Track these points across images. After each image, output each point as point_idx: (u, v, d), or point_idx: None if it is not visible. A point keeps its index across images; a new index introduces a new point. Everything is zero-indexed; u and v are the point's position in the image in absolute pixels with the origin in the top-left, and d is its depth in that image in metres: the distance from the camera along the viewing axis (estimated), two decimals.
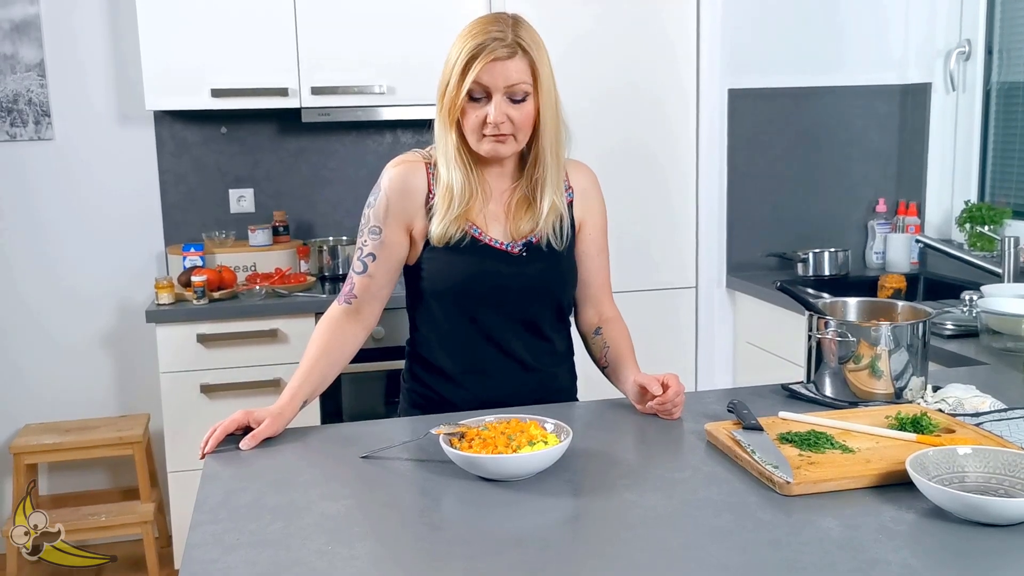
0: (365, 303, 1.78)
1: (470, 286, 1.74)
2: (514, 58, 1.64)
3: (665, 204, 3.39)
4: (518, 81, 1.65)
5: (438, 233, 1.71)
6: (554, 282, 1.80)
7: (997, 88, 3.32)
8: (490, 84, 1.65)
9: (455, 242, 1.73)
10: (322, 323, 1.78)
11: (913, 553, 1.14)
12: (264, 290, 3.16)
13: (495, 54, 1.63)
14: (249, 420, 1.60)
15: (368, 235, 1.77)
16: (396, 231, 1.75)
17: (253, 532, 1.25)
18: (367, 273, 1.77)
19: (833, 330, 1.71)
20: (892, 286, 3.05)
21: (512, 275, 1.75)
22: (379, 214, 1.75)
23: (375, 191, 1.78)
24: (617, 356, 1.81)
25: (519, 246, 1.76)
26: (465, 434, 1.47)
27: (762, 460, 1.38)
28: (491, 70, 1.63)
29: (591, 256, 1.86)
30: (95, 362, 3.54)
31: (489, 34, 1.64)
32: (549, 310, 1.82)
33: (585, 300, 1.88)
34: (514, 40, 1.64)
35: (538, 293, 1.79)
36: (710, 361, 3.45)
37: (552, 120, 1.71)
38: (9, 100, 3.37)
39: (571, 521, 1.30)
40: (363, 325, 1.79)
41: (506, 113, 1.66)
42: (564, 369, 1.91)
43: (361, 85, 3.22)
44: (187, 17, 3.11)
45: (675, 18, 3.30)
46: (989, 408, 1.64)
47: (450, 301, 1.76)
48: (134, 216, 3.51)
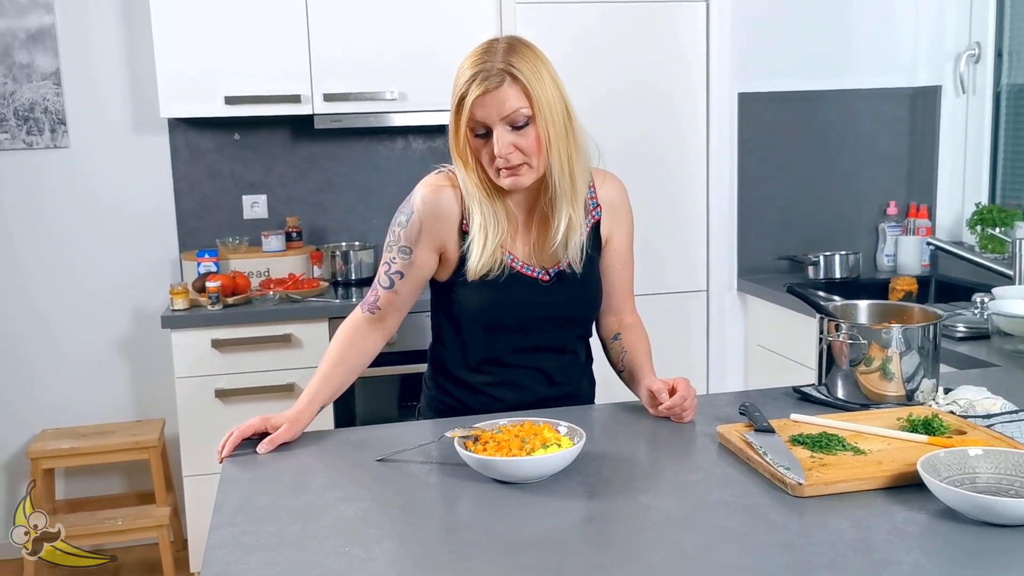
0: (388, 315, 1.78)
1: (499, 315, 1.75)
2: (503, 86, 1.59)
3: (676, 208, 3.41)
4: (513, 109, 1.60)
5: (475, 268, 1.69)
6: (581, 309, 1.81)
7: (1007, 90, 3.32)
8: (485, 118, 1.61)
9: (494, 277, 1.71)
10: (343, 329, 1.78)
11: (924, 554, 1.15)
12: (278, 295, 3.18)
13: (484, 86, 1.58)
14: (266, 426, 1.62)
15: (398, 253, 1.74)
16: (427, 253, 1.73)
17: (272, 534, 1.26)
18: (393, 289, 1.76)
19: (844, 333, 1.72)
20: (903, 288, 3.05)
21: (540, 304, 1.75)
22: (411, 236, 1.72)
23: (406, 210, 1.74)
24: (633, 361, 1.82)
25: (550, 274, 1.75)
26: (479, 437, 1.48)
27: (774, 462, 1.39)
28: (483, 104, 1.59)
29: (615, 269, 1.85)
30: (111, 368, 3.57)
31: (476, 67, 1.60)
32: (576, 331, 1.85)
33: (607, 309, 1.88)
34: (501, 69, 1.59)
35: (565, 320, 1.80)
36: (722, 364, 3.46)
37: (559, 139, 1.64)
38: (25, 109, 3.40)
39: (585, 523, 1.31)
40: (383, 334, 1.80)
41: (511, 143, 1.61)
42: (586, 380, 1.92)
43: (373, 91, 3.24)
44: (201, 25, 3.14)
45: (685, 22, 3.31)
46: (1000, 410, 1.64)
47: (479, 325, 1.77)
48: (149, 223, 3.54)
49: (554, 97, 1.64)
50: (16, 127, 3.40)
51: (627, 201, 1.86)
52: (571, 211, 1.70)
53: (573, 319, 1.82)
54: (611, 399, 1.87)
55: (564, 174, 1.67)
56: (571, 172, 1.68)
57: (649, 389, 1.68)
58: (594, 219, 1.79)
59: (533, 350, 1.79)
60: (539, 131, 1.62)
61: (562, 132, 1.65)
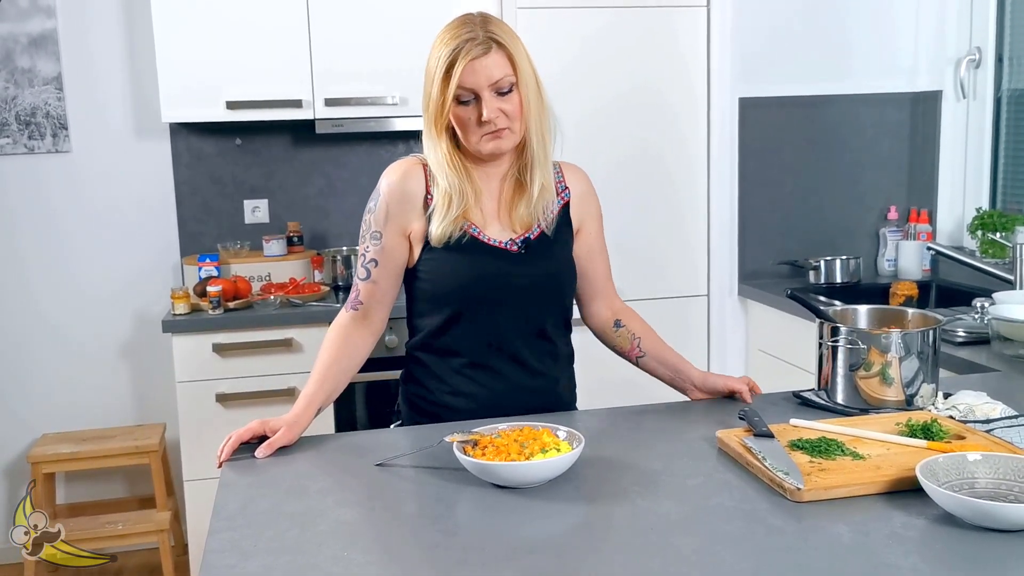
0: (372, 308, 1.80)
1: (469, 286, 1.75)
2: (490, 53, 1.66)
3: (676, 212, 3.41)
4: (501, 76, 1.67)
5: (438, 234, 1.73)
6: (553, 277, 1.81)
7: (1008, 95, 3.33)
8: (474, 85, 1.67)
9: (455, 241, 1.74)
10: (331, 331, 1.80)
11: (923, 559, 1.15)
12: (279, 300, 3.18)
13: (472, 54, 1.65)
14: (264, 430, 1.62)
15: (370, 241, 1.79)
16: (396, 235, 1.77)
17: (270, 539, 1.26)
18: (371, 279, 1.79)
19: (844, 337, 1.72)
20: (904, 293, 3.05)
21: (511, 274, 1.75)
22: (379, 219, 1.78)
23: (374, 196, 1.80)
24: (660, 351, 1.89)
25: (517, 243, 1.77)
26: (478, 442, 1.48)
27: (773, 467, 1.39)
28: (472, 70, 1.66)
29: (590, 258, 1.88)
30: (112, 372, 3.58)
31: (460, 37, 1.67)
32: (551, 309, 1.83)
33: (593, 296, 1.91)
34: (486, 37, 1.67)
35: (538, 290, 1.79)
36: (722, 369, 3.45)
37: (536, 105, 1.73)
38: (27, 113, 3.41)
39: (584, 527, 1.32)
40: (371, 330, 1.81)
41: (498, 108, 1.68)
42: (565, 376, 1.91)
43: (374, 96, 3.24)
44: (202, 30, 3.14)
45: (686, 26, 3.32)
46: (1000, 415, 1.64)
47: (450, 302, 1.76)
48: (150, 227, 3.54)
49: (531, 66, 1.73)
50: (18, 132, 3.41)
51: (594, 192, 1.91)
52: (544, 177, 1.77)
53: (544, 288, 1.80)
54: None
55: (540, 140, 1.75)
56: (544, 138, 1.76)
57: (730, 390, 1.81)
58: (564, 200, 1.83)
59: (508, 329, 1.78)
60: (521, 97, 1.70)
61: (538, 99, 1.74)
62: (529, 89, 1.71)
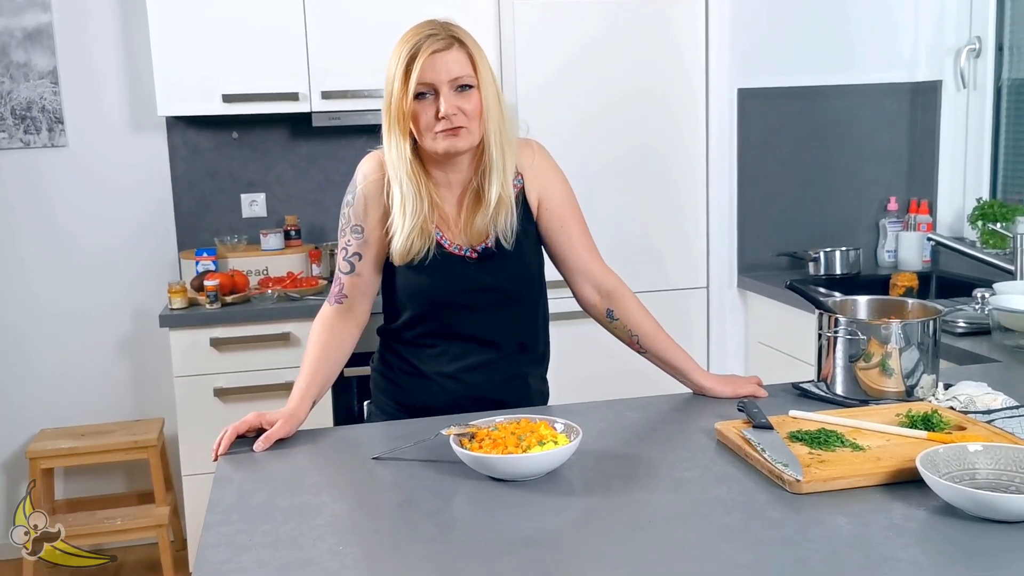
0: (356, 301, 1.81)
1: (433, 296, 1.78)
2: (451, 49, 1.67)
3: (675, 204, 3.39)
4: (460, 73, 1.67)
5: (400, 251, 1.73)
6: (510, 285, 1.80)
7: (1008, 85, 3.31)
8: (434, 80, 1.66)
9: (419, 260, 1.74)
10: (317, 325, 1.82)
11: (923, 550, 1.14)
12: (276, 294, 3.17)
13: (433, 47, 1.66)
14: (261, 422, 1.62)
15: (351, 234, 1.79)
16: (376, 227, 1.77)
17: (266, 533, 1.26)
18: (355, 272, 1.80)
19: (843, 328, 1.71)
20: (904, 284, 3.04)
21: (470, 280, 1.77)
22: (358, 212, 1.78)
23: (351, 189, 1.80)
24: (661, 351, 1.85)
25: (478, 251, 1.77)
26: (475, 434, 1.47)
27: (772, 459, 1.38)
28: (432, 64, 1.66)
29: (560, 229, 1.83)
30: (110, 367, 3.57)
31: (422, 34, 1.68)
32: (514, 309, 1.83)
33: (574, 274, 1.86)
34: (448, 35, 1.68)
35: (498, 295, 1.79)
36: (722, 361, 3.45)
37: (495, 112, 1.72)
38: (23, 107, 3.39)
39: (582, 520, 1.31)
40: (356, 322, 1.82)
41: (456, 105, 1.67)
42: (538, 376, 1.92)
43: (371, 89, 3.23)
44: (198, 24, 3.13)
45: (684, 18, 3.30)
46: (1001, 406, 1.63)
47: (412, 305, 1.80)
48: (147, 221, 3.53)
49: (492, 74, 1.73)
50: (13, 126, 3.40)
51: (549, 158, 1.86)
52: (501, 187, 1.74)
53: (503, 295, 1.80)
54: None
55: (499, 147, 1.73)
56: (503, 146, 1.73)
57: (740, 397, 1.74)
58: (516, 188, 1.80)
59: (476, 324, 1.80)
60: (481, 98, 1.70)
61: (497, 107, 1.73)
62: (489, 94, 1.71)
